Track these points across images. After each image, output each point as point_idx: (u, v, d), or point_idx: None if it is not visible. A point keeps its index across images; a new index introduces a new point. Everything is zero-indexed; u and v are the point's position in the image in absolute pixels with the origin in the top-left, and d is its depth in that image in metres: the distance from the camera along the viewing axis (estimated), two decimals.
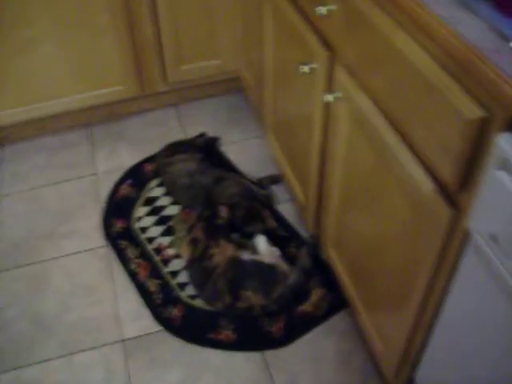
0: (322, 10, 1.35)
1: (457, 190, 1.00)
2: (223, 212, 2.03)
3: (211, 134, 2.53)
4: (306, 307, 1.87)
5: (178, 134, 2.55)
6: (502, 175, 0.85)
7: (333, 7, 1.33)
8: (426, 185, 1.08)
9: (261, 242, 1.97)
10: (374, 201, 1.38)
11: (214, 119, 2.63)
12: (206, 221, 1.99)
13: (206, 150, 2.39)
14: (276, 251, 1.98)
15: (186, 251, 1.97)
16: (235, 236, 2.05)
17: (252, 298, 1.79)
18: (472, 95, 0.92)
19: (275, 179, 2.29)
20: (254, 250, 1.95)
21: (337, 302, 1.88)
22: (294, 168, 1.99)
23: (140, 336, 1.85)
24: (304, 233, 2.09)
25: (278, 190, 2.28)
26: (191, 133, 2.55)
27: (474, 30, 0.92)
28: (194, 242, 1.95)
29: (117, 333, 1.86)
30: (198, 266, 1.89)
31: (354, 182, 1.48)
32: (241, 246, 1.95)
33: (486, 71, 0.85)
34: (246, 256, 1.87)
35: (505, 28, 0.91)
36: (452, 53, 0.93)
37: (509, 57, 0.86)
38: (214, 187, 2.14)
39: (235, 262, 1.84)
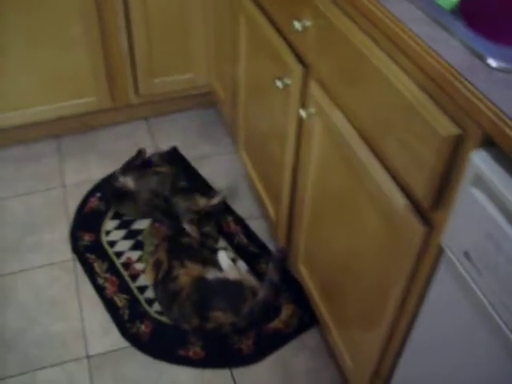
0: (298, 25, 1.35)
1: (430, 208, 1.00)
2: (193, 231, 2.01)
3: (182, 148, 2.51)
4: (276, 324, 1.86)
5: (148, 148, 2.52)
6: (476, 192, 0.86)
7: (308, 23, 1.33)
8: (399, 202, 1.08)
9: (222, 258, 1.95)
10: (346, 217, 1.37)
11: (186, 133, 2.62)
12: (170, 241, 1.96)
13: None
14: (243, 266, 1.96)
15: (150, 274, 1.94)
16: (203, 251, 2.03)
17: (221, 317, 1.76)
18: (447, 113, 0.92)
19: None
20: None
21: (307, 319, 1.87)
22: (266, 184, 1.98)
23: (106, 352, 1.81)
24: (275, 248, 2.08)
25: (249, 206, 2.27)
26: (162, 146, 2.53)
27: (448, 49, 0.93)
28: (157, 265, 1.92)
29: (82, 349, 1.81)
30: (163, 287, 1.86)
31: (326, 199, 1.47)
32: (208, 263, 1.92)
33: (459, 89, 0.86)
34: (210, 275, 1.85)
35: (480, 47, 0.91)
36: (427, 70, 0.93)
37: (482, 75, 0.87)
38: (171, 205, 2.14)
39: (200, 283, 1.81)
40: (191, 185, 2.29)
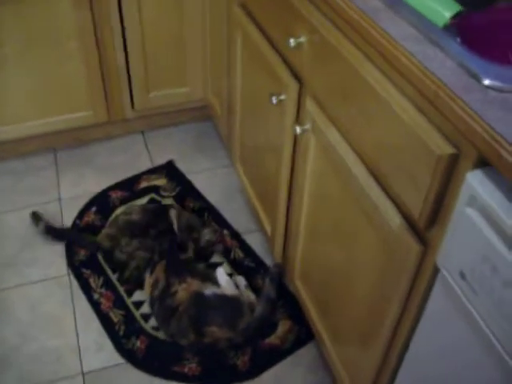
0: (292, 41, 1.35)
1: (425, 226, 1.00)
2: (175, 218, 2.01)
3: (178, 161, 2.51)
4: (272, 340, 1.84)
5: (144, 161, 2.53)
6: (472, 213, 0.85)
7: (302, 39, 1.33)
8: (395, 220, 1.08)
9: (220, 274, 1.93)
10: (341, 233, 1.37)
11: (182, 147, 2.61)
12: (169, 259, 1.93)
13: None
14: (242, 281, 1.96)
15: (148, 291, 1.93)
16: (201, 266, 2.02)
17: (217, 332, 1.75)
18: (442, 132, 0.92)
19: None
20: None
21: (304, 334, 1.86)
22: (261, 198, 1.98)
23: (101, 369, 1.79)
24: (271, 263, 2.07)
25: (245, 220, 2.26)
26: (158, 160, 2.53)
27: (443, 67, 0.92)
28: (155, 283, 1.91)
29: (77, 365, 1.80)
30: (160, 303, 1.84)
31: (321, 214, 1.47)
32: (206, 278, 1.91)
33: (454, 108, 0.85)
34: (208, 290, 1.84)
35: (474, 66, 0.91)
36: (421, 89, 0.93)
37: (477, 94, 0.86)
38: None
39: (197, 298, 1.80)
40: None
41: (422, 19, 1.05)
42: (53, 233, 2.17)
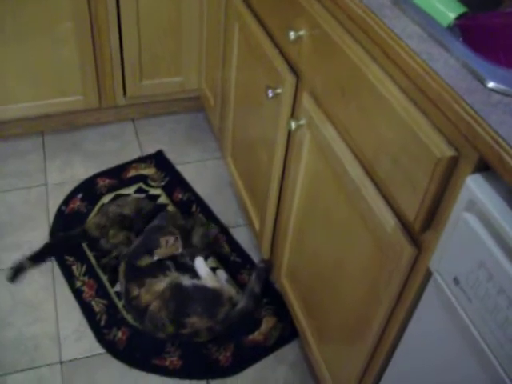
0: (292, 34, 1.32)
1: (421, 229, 0.98)
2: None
3: (168, 151, 2.48)
4: (255, 336, 1.82)
5: (134, 150, 2.49)
6: (470, 218, 0.83)
7: (303, 33, 1.31)
8: (389, 221, 1.06)
9: (199, 265, 1.91)
10: (333, 232, 1.35)
11: (173, 137, 2.58)
12: (127, 264, 1.88)
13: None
14: (223, 275, 1.93)
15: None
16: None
17: (197, 323, 1.73)
18: (443, 133, 0.90)
19: None
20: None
21: (288, 332, 1.84)
22: (251, 193, 1.95)
23: (81, 358, 1.76)
24: (258, 259, 2.05)
25: (233, 214, 2.24)
26: (148, 149, 2.49)
27: (447, 68, 0.90)
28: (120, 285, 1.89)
29: (56, 354, 1.77)
30: (129, 304, 1.82)
31: (313, 212, 1.45)
32: (185, 271, 1.89)
33: (457, 110, 0.83)
34: (187, 282, 1.81)
35: (479, 68, 0.89)
36: (424, 89, 0.91)
37: (481, 97, 0.84)
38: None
39: (176, 290, 1.77)
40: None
41: (427, 18, 1.03)
42: (39, 257, 2.03)
